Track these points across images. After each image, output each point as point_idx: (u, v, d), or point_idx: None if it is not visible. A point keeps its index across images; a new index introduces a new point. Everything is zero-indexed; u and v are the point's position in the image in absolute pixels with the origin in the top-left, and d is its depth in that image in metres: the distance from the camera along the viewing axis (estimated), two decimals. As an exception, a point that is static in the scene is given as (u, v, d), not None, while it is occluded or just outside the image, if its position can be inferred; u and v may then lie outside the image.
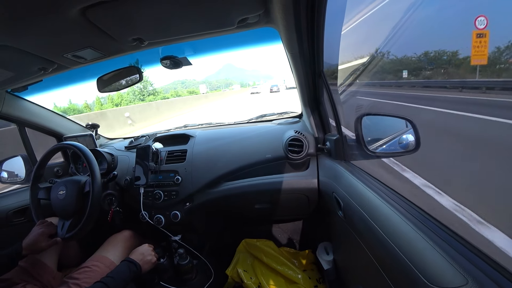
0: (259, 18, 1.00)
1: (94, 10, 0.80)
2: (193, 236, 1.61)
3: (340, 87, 1.67)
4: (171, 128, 1.97)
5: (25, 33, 0.87)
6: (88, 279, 1.08)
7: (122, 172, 1.56)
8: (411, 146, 0.93)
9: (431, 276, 0.51)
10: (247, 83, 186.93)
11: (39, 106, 1.65)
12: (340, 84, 1.63)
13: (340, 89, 1.69)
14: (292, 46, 1.09)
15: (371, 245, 0.76)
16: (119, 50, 1.17)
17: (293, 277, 1.43)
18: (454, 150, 2.92)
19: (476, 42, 2.61)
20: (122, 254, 1.28)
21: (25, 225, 1.55)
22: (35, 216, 1.24)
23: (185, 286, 1.44)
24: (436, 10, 3.80)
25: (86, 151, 1.23)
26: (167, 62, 1.36)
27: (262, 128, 1.61)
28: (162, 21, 0.96)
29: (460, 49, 5.23)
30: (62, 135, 1.79)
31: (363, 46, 3.21)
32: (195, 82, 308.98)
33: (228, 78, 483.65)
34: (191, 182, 1.45)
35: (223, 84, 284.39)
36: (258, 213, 1.48)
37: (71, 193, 1.19)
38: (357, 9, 2.74)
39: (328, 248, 1.41)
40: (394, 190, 0.85)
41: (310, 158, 1.39)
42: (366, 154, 1.05)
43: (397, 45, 7.37)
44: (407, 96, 6.12)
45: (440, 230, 0.61)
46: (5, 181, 1.64)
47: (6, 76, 1.23)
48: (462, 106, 4.27)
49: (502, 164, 2.34)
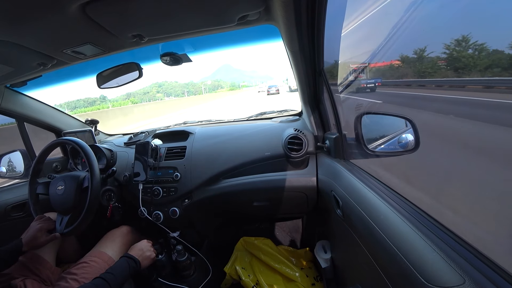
0: (259, 15, 1.00)
1: (94, 6, 0.79)
2: (191, 233, 1.62)
3: (340, 85, 1.65)
4: (171, 125, 1.96)
5: (25, 29, 0.86)
6: (86, 274, 1.08)
7: (121, 168, 1.56)
8: (411, 145, 0.93)
9: (428, 275, 0.52)
10: (238, 84, 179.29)
11: (38, 101, 1.65)
12: (340, 83, 1.61)
13: (340, 88, 1.67)
14: (293, 44, 1.08)
15: (369, 244, 0.76)
16: (119, 46, 1.17)
17: (290, 275, 1.43)
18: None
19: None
20: (120, 249, 1.28)
21: (23, 220, 1.55)
22: (34, 211, 1.24)
23: (183, 282, 1.44)
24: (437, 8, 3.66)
25: (85, 147, 1.23)
26: (167, 59, 1.35)
27: (261, 125, 1.61)
28: (162, 18, 0.95)
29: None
30: (61, 131, 1.79)
31: (363, 46, 3.16)
32: (176, 84, 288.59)
33: (220, 79, 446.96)
34: (190, 178, 1.45)
35: (212, 86, 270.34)
36: (256, 210, 1.48)
37: (70, 188, 1.19)
38: (359, 7, 2.71)
39: (326, 247, 1.41)
40: (393, 189, 0.85)
41: (309, 156, 1.39)
42: (366, 153, 1.05)
43: (397, 45, 7.21)
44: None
45: (438, 230, 0.61)
46: (4, 176, 1.64)
47: (6, 71, 1.22)
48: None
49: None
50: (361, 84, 1.95)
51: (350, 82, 1.97)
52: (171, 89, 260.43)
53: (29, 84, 1.48)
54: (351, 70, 1.99)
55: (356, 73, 1.93)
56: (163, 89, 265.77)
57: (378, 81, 1.91)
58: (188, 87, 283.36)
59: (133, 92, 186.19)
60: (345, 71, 1.88)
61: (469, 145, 1.11)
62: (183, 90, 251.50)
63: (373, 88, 1.91)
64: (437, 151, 1.23)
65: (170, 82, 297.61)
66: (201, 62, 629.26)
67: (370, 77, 1.92)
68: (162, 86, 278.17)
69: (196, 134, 1.62)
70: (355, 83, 1.99)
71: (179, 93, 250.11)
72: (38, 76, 1.41)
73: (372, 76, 1.93)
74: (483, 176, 0.98)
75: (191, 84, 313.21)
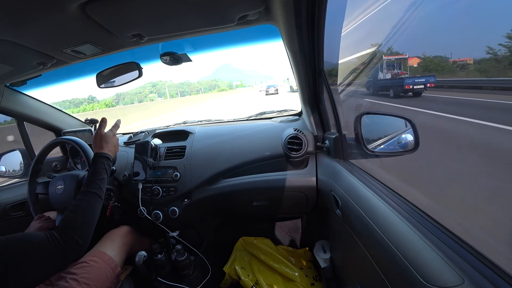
0: (259, 15, 1.00)
1: (93, 5, 0.79)
2: (191, 233, 1.62)
3: (340, 86, 1.56)
4: (171, 125, 1.96)
5: (24, 28, 0.86)
6: (86, 274, 1.08)
7: (120, 168, 1.56)
8: (410, 145, 0.93)
9: (427, 275, 0.52)
10: (235, 84, 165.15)
11: (38, 100, 1.65)
12: (340, 83, 1.52)
13: (340, 88, 1.59)
14: (292, 44, 1.08)
15: (369, 244, 0.76)
16: (118, 45, 1.17)
17: (290, 275, 1.43)
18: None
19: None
20: (120, 249, 1.28)
21: (23, 219, 1.55)
22: (33, 211, 1.24)
23: (182, 282, 1.44)
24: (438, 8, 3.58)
25: (85, 146, 1.23)
26: (167, 58, 1.35)
27: (261, 125, 1.61)
28: (162, 17, 0.95)
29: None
30: (60, 130, 1.79)
31: (363, 46, 3.12)
32: (171, 84, 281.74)
33: (218, 79, 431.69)
34: (189, 178, 1.45)
35: (208, 86, 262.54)
36: (256, 210, 1.48)
37: (70, 187, 1.19)
38: (359, 7, 2.68)
39: (326, 246, 1.41)
40: (392, 190, 0.85)
41: (309, 156, 1.39)
42: (365, 153, 1.05)
43: (396, 44, 7.17)
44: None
45: (437, 230, 0.61)
46: (3, 175, 1.64)
47: (5, 70, 1.22)
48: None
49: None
50: (404, 86, 1.34)
51: (350, 82, 1.65)
52: (165, 89, 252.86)
53: (28, 84, 1.48)
54: (383, 62, 1.43)
55: (389, 68, 1.41)
56: (157, 89, 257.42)
57: (430, 80, 1.24)
58: (183, 87, 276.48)
59: (123, 92, 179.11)
60: (347, 71, 1.66)
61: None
62: (177, 91, 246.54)
63: (419, 91, 1.32)
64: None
65: (164, 82, 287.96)
66: (201, 61, 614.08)
67: (411, 75, 1.33)
68: (156, 85, 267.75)
69: (196, 134, 1.62)
70: (382, 83, 1.40)
71: (173, 93, 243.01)
72: (38, 76, 1.40)
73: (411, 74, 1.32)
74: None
75: (187, 84, 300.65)
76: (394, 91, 1.34)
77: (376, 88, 1.53)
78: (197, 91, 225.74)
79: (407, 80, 1.29)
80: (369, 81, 1.72)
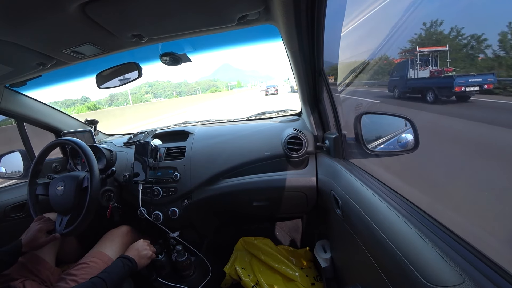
0: (259, 15, 1.00)
1: (93, 6, 0.79)
2: (191, 233, 1.62)
3: (340, 85, 1.51)
4: (170, 125, 1.96)
5: (24, 29, 0.86)
6: (85, 275, 1.08)
7: (120, 168, 1.56)
8: (410, 145, 0.93)
9: (428, 275, 0.52)
10: (230, 84, 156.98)
11: (37, 101, 1.65)
12: (340, 83, 1.48)
13: (340, 88, 1.54)
14: (292, 44, 1.08)
15: (369, 244, 0.76)
16: (118, 46, 1.17)
17: (290, 275, 1.43)
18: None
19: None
20: (119, 249, 1.28)
21: (23, 220, 1.55)
22: (33, 212, 1.24)
23: (183, 282, 1.44)
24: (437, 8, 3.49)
25: (85, 147, 1.23)
26: (166, 59, 1.35)
27: (261, 125, 1.61)
28: (161, 18, 0.95)
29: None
30: (60, 131, 1.79)
31: (363, 45, 3.09)
32: (168, 84, 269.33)
33: (218, 79, 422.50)
34: (189, 179, 1.44)
35: (207, 86, 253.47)
36: (256, 210, 1.48)
37: (70, 188, 1.19)
38: (359, 7, 2.65)
39: (326, 246, 1.41)
40: (392, 189, 0.85)
41: (309, 156, 1.39)
42: (365, 152, 1.05)
43: (396, 44, 7.18)
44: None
45: (437, 229, 0.61)
46: (3, 176, 1.63)
47: (5, 71, 1.22)
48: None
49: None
50: (454, 87, 1.02)
51: (349, 82, 1.46)
52: (161, 89, 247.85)
53: (28, 84, 1.47)
54: (415, 56, 1.14)
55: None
56: (153, 89, 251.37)
57: (488, 80, 0.93)
58: (180, 87, 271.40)
59: (117, 93, 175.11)
60: (347, 71, 1.56)
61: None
62: (173, 91, 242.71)
63: (468, 94, 0.99)
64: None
65: (161, 82, 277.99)
66: (200, 61, 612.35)
67: (464, 72, 1.00)
68: (153, 86, 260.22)
69: (196, 134, 1.62)
70: (414, 84, 1.08)
71: (170, 94, 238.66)
72: (38, 76, 1.40)
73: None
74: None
75: (184, 84, 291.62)
76: (435, 94, 1.05)
77: (405, 89, 1.24)
78: (194, 91, 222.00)
79: (458, 79, 1.00)
80: (393, 81, 1.40)
